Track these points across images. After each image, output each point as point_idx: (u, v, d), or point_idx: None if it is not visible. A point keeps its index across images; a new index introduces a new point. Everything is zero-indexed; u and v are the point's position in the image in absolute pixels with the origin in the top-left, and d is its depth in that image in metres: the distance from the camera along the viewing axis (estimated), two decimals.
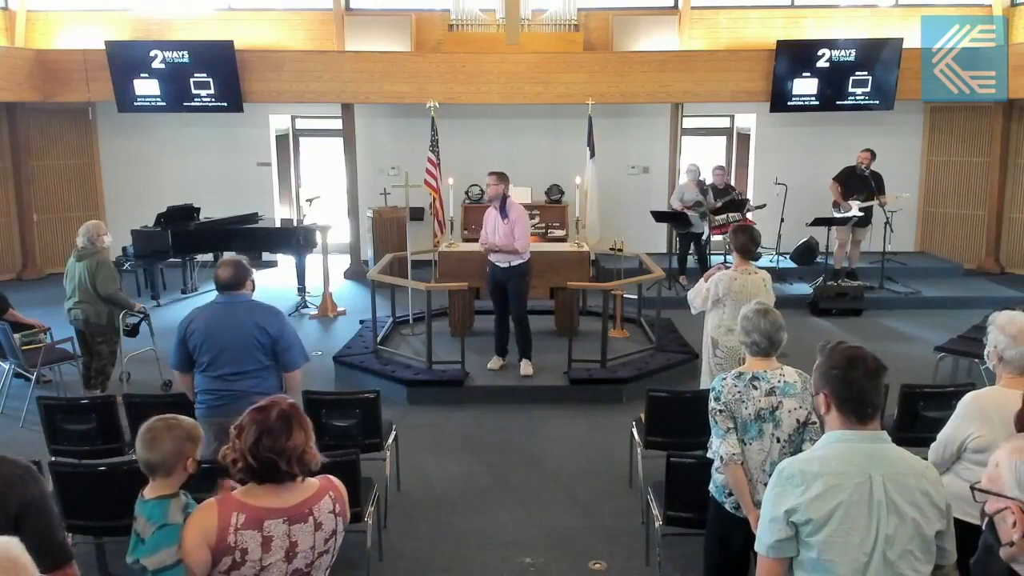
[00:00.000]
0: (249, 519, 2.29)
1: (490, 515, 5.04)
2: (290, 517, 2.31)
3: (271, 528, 2.29)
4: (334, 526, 2.40)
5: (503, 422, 6.49)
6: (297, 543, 2.31)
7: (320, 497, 2.39)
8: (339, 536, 2.44)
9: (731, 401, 3.22)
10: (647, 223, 10.58)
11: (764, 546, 2.28)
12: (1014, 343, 3.11)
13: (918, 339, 8.48)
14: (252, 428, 2.30)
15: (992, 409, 3.07)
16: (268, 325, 4.16)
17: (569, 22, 11.19)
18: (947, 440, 3.18)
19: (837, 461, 2.24)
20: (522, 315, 7.03)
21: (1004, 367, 3.16)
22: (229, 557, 2.27)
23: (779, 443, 3.19)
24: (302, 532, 2.32)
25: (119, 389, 6.56)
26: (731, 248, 5.38)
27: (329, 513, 2.39)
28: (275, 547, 2.29)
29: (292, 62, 10.94)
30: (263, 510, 2.30)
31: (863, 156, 9.88)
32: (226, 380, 4.13)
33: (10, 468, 2.33)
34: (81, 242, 6.38)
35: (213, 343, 4.12)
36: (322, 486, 2.43)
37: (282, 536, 2.30)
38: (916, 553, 2.21)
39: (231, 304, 4.22)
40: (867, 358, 2.30)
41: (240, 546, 2.27)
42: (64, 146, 11.89)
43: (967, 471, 3.09)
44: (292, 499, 2.34)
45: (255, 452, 2.28)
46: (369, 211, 11.15)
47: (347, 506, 2.49)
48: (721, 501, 3.35)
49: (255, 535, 2.27)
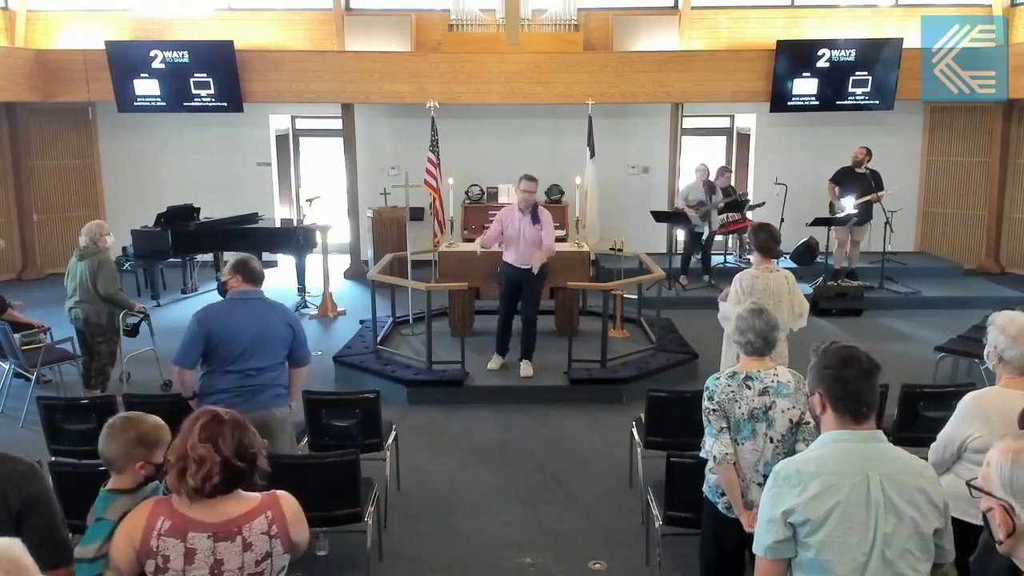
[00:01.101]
0: (173, 527, 2.24)
1: (490, 515, 5.04)
2: (216, 533, 2.24)
3: (195, 541, 2.23)
4: (267, 548, 2.28)
5: (503, 422, 6.49)
6: (223, 561, 2.23)
7: (253, 517, 2.29)
8: (276, 558, 2.31)
9: (724, 400, 3.23)
10: (647, 223, 10.58)
11: (762, 547, 2.28)
12: (1014, 343, 3.10)
13: (918, 339, 8.48)
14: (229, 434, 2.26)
15: (992, 409, 3.07)
16: (292, 321, 4.35)
17: (569, 22, 11.20)
18: (947, 440, 3.18)
19: (834, 461, 2.24)
20: (534, 316, 7.06)
21: (1004, 367, 3.16)
22: (152, 561, 2.23)
23: (772, 443, 3.20)
24: (228, 551, 2.24)
25: (119, 389, 6.56)
26: (750, 247, 5.33)
27: (262, 534, 2.28)
28: (199, 561, 2.22)
29: (292, 62, 10.94)
30: (189, 520, 2.24)
31: (859, 152, 9.88)
32: (248, 375, 4.20)
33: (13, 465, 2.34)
34: (83, 242, 6.38)
35: (240, 339, 4.18)
36: (261, 503, 2.33)
37: (206, 551, 2.23)
38: (915, 552, 2.21)
39: (253, 301, 4.30)
40: (861, 357, 2.30)
41: (162, 552, 2.22)
42: (64, 146, 11.89)
43: (967, 471, 3.08)
44: (222, 515, 2.26)
45: (240, 453, 2.27)
46: (369, 211, 11.15)
47: (292, 527, 2.35)
48: (714, 502, 3.36)
49: (178, 544, 2.22)
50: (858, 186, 9.88)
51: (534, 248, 6.76)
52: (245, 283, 4.31)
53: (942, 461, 3.19)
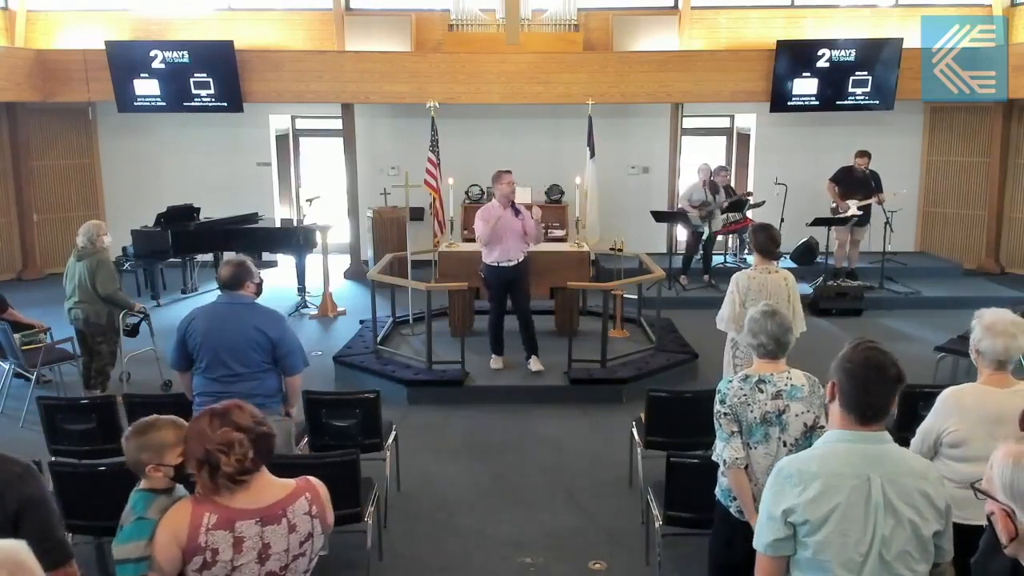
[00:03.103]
0: (221, 520, 2.27)
1: (490, 515, 5.04)
2: (263, 518, 2.29)
3: (243, 529, 2.27)
4: (310, 528, 2.36)
5: (503, 422, 6.49)
6: (270, 545, 2.29)
7: (295, 499, 2.36)
8: (316, 539, 2.40)
9: (736, 404, 3.17)
10: (647, 223, 10.58)
11: (762, 544, 2.28)
12: (987, 334, 3.10)
13: (918, 339, 8.48)
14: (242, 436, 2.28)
15: (971, 405, 3.08)
16: (268, 329, 4.15)
17: (569, 22, 11.20)
18: (924, 432, 3.21)
19: (836, 461, 2.23)
20: (528, 310, 7.09)
21: (981, 360, 3.16)
22: (200, 557, 2.26)
23: (785, 447, 3.14)
24: (275, 534, 2.30)
25: (119, 389, 6.56)
26: (751, 248, 5.32)
27: (304, 515, 2.36)
28: (247, 548, 2.27)
29: (292, 62, 10.94)
30: (235, 511, 2.28)
31: (860, 161, 9.91)
32: (223, 382, 4.10)
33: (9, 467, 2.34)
34: (81, 242, 6.38)
35: (210, 345, 4.12)
36: (298, 487, 2.40)
37: (254, 537, 2.27)
38: (913, 553, 2.20)
39: (231, 306, 4.21)
40: (886, 364, 2.24)
41: (211, 546, 2.25)
42: (64, 146, 11.89)
43: (944, 467, 3.09)
44: (265, 500, 2.31)
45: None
46: (369, 211, 11.15)
47: (326, 508, 2.44)
48: (727, 505, 3.32)
49: (226, 536, 2.26)
50: (858, 186, 9.88)
51: (519, 241, 6.80)
52: (222, 287, 4.25)
53: (920, 453, 3.20)
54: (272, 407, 4.19)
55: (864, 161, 9.90)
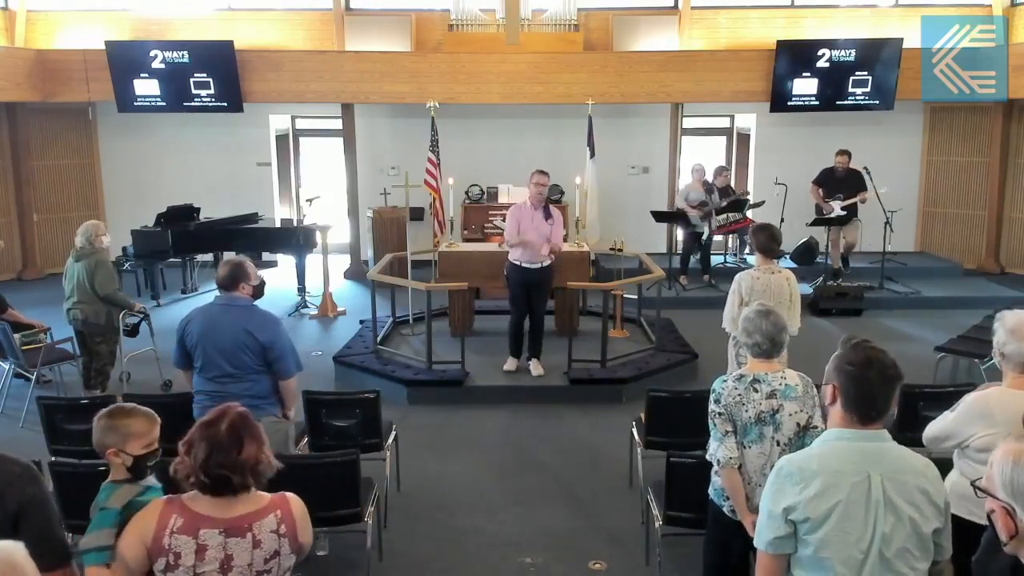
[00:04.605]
0: (186, 524, 2.27)
1: (490, 515, 5.04)
2: (227, 529, 2.28)
3: (206, 537, 2.26)
4: (276, 547, 2.33)
5: (503, 422, 6.49)
6: (233, 557, 2.27)
7: (263, 515, 2.33)
8: (283, 558, 2.35)
9: (731, 404, 3.18)
10: (647, 223, 10.58)
11: (763, 543, 2.29)
12: (1012, 337, 3.11)
13: (918, 339, 8.48)
14: (202, 444, 2.28)
15: (997, 411, 3.08)
16: (259, 333, 4.14)
17: (569, 22, 11.19)
18: (947, 433, 3.19)
19: (836, 460, 2.24)
20: (543, 316, 7.09)
21: (1006, 363, 3.17)
22: (163, 559, 2.26)
23: (779, 447, 3.15)
24: (239, 547, 2.28)
25: (119, 389, 6.56)
26: (752, 248, 5.32)
27: (271, 532, 2.32)
28: (209, 557, 2.26)
29: (292, 62, 10.94)
30: (201, 517, 2.28)
31: (840, 160, 9.98)
32: (218, 382, 4.15)
33: (9, 467, 2.34)
34: (80, 242, 6.38)
35: (204, 345, 4.15)
36: (271, 503, 2.37)
37: (217, 547, 2.26)
38: (913, 551, 2.21)
39: (227, 307, 4.23)
40: (886, 362, 2.26)
41: (174, 549, 2.25)
42: (64, 146, 11.89)
43: (968, 466, 3.10)
44: (233, 511, 2.30)
45: (207, 468, 2.26)
46: (369, 211, 11.15)
47: (298, 527, 2.39)
48: (720, 504, 3.33)
49: (189, 541, 2.26)
50: (841, 185, 9.95)
51: (544, 244, 6.72)
52: (218, 287, 4.26)
53: (935, 445, 3.21)
54: (266, 409, 4.18)
55: (844, 160, 9.98)
